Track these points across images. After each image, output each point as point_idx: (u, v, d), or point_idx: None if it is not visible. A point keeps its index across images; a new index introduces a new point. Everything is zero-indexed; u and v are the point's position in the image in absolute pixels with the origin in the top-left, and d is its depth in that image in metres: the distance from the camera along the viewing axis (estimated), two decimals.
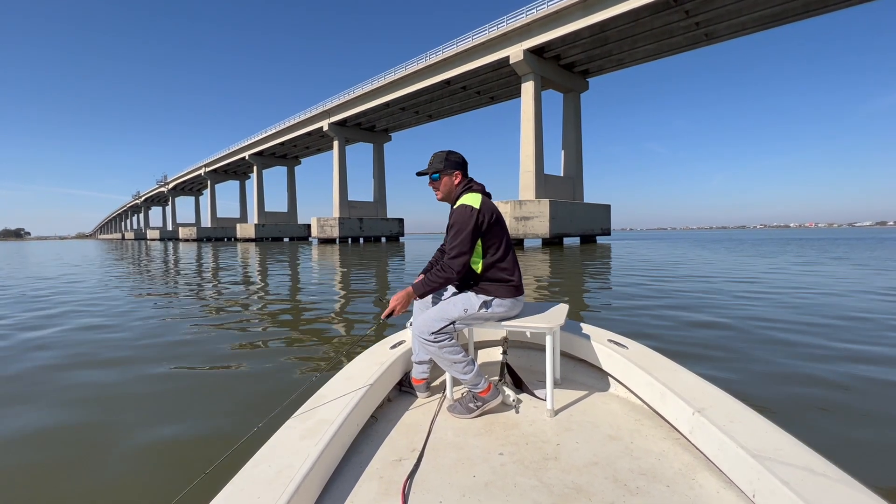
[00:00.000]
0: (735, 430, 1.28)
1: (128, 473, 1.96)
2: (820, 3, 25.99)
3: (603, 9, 26.60)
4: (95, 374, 3.40)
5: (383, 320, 1.89)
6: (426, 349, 1.82)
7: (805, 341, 3.93)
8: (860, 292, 6.70)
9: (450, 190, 1.91)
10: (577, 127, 36.58)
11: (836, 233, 69.94)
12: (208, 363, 3.61)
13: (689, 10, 26.37)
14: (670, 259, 15.14)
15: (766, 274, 9.73)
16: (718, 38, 30.44)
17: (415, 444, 1.57)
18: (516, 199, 31.91)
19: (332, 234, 50.80)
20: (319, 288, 8.66)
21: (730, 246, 25.38)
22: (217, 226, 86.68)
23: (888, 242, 26.01)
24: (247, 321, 5.33)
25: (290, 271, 12.75)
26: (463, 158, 1.93)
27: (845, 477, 1.05)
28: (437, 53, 36.49)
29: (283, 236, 72.17)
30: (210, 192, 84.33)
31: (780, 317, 4.96)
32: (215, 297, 7.49)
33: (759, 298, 6.28)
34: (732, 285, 7.86)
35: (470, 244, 1.76)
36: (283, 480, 1.09)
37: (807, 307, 5.52)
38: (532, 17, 29.59)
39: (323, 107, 49.92)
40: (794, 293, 6.71)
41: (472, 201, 1.80)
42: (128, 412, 2.63)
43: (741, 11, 26.58)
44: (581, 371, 2.15)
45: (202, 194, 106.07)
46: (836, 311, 5.21)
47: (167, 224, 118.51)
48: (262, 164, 68.13)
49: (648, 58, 33.96)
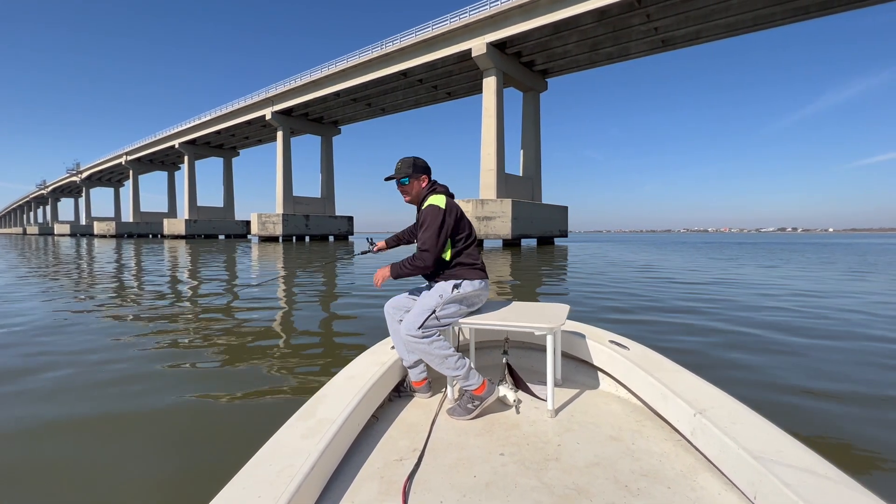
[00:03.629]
0: (736, 431, 1.27)
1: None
2: (767, 19, 27.20)
3: (571, 4, 26.04)
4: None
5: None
6: (414, 348, 1.81)
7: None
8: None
9: (418, 193, 2.05)
10: (537, 126, 36.16)
11: (743, 237, 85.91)
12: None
13: (650, 13, 26.50)
14: (634, 260, 15.25)
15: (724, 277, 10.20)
16: (674, 46, 31.12)
17: (415, 444, 1.56)
18: (476, 198, 30.71)
19: (275, 232, 47.01)
20: (261, 292, 7.75)
21: (680, 248, 26.33)
22: (140, 220, 79.07)
23: (762, 246, 27.68)
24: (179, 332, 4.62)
25: (227, 273, 10.50)
26: (427, 164, 2.07)
27: (847, 479, 1.04)
28: (395, 42, 34.41)
29: (219, 233, 66.96)
30: (132, 183, 75.95)
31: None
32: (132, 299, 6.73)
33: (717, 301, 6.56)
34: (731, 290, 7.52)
35: (438, 240, 1.88)
36: (284, 480, 1.08)
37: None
38: (497, 9, 28.46)
39: (266, 93, 45.84)
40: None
41: (438, 202, 1.94)
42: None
43: (700, 19, 27.16)
44: (582, 371, 2.15)
45: (123, 185, 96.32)
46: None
47: (80, 218, 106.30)
48: (194, 153, 61.87)
49: (606, 61, 34.15)
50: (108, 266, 13.27)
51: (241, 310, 5.93)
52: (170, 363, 3.56)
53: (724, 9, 26.05)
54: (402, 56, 34.53)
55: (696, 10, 26.24)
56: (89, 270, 11.83)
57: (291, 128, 49.02)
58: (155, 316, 5.49)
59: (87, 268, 12.60)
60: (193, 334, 4.56)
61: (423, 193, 2.03)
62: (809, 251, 23.46)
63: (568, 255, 19.43)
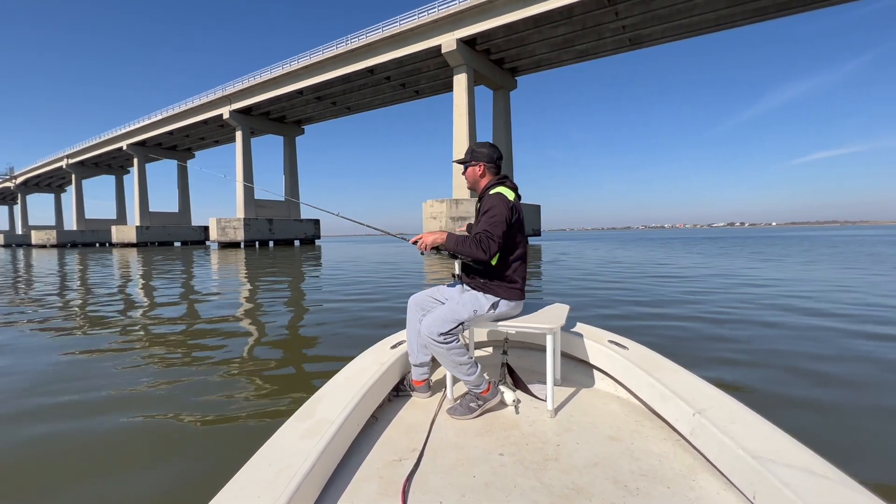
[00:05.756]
0: (735, 431, 1.27)
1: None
2: (728, 19, 27.96)
3: (542, 0, 25.73)
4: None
5: (410, 243, 1.90)
6: (432, 350, 1.77)
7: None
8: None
9: (474, 179, 1.96)
10: (508, 125, 35.88)
11: (699, 232, 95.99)
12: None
13: (619, 10, 26.64)
14: (609, 257, 15.11)
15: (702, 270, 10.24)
16: (641, 45, 31.55)
17: (415, 444, 1.55)
18: (450, 198, 29.98)
19: (236, 238, 44.52)
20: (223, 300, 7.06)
21: (646, 244, 26.56)
22: (86, 228, 73.73)
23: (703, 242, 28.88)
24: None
25: (183, 283, 9.19)
26: (490, 151, 1.93)
27: (845, 478, 1.03)
28: (361, 37, 33.16)
29: (174, 240, 63.10)
30: (76, 188, 70.41)
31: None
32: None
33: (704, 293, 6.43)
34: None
35: (503, 230, 1.75)
36: (283, 480, 1.08)
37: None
38: (466, 5, 27.83)
39: (223, 91, 43.28)
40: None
41: (507, 194, 1.83)
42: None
43: (666, 18, 27.54)
44: (581, 371, 2.12)
45: (65, 191, 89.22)
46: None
47: (15, 227, 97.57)
48: (144, 155, 57.71)
49: (575, 59, 34.27)
50: (49, 279, 11.51)
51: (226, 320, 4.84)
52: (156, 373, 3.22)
53: (690, 8, 26.54)
54: (369, 52, 33.31)
55: (663, 9, 26.59)
56: (25, 284, 10.13)
57: (251, 128, 46.59)
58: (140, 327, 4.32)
59: (22, 282, 10.84)
60: (185, 345, 4.14)
61: (490, 182, 1.92)
62: (778, 245, 24.14)
63: (541, 255, 18.92)
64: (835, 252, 16.31)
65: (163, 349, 4.11)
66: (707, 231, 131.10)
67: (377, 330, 4.64)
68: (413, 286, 8.55)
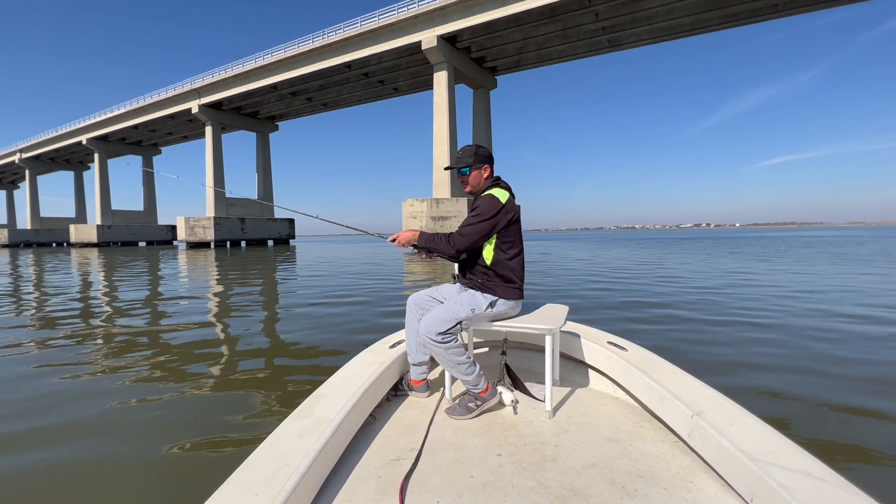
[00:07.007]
0: (733, 433, 1.27)
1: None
2: (704, 23, 28.55)
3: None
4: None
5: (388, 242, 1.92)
6: (431, 350, 1.77)
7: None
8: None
9: (478, 183, 1.95)
10: (488, 124, 35.69)
11: (668, 233, 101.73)
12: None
13: (598, 12, 26.78)
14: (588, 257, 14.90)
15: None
16: (619, 47, 31.88)
17: (413, 444, 1.55)
18: (430, 197, 29.48)
19: (206, 237, 42.71)
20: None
21: (625, 244, 26.86)
22: (41, 227, 69.57)
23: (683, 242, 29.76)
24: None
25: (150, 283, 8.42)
26: (490, 153, 1.96)
27: (843, 481, 1.04)
28: (338, 32, 32.25)
29: (139, 240, 60.33)
30: (29, 184, 66.19)
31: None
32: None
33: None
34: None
35: (481, 230, 1.78)
36: (281, 478, 1.07)
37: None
38: (446, 1, 27.40)
39: (192, 84, 41.39)
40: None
41: (500, 195, 1.84)
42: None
43: (645, 21, 27.86)
44: (580, 372, 2.11)
45: (18, 188, 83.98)
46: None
47: None
48: (106, 151, 54.75)
49: (554, 60, 34.37)
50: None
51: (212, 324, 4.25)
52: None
53: (667, 12, 26.93)
54: (347, 47, 32.45)
55: (642, 12, 26.89)
56: None
57: (222, 123, 44.80)
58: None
59: None
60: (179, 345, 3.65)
61: (486, 185, 1.94)
62: (762, 244, 24.73)
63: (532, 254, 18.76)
64: (817, 252, 16.65)
65: (142, 357, 3.74)
66: (677, 231, 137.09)
67: (368, 335, 4.16)
68: (394, 288, 8.08)
